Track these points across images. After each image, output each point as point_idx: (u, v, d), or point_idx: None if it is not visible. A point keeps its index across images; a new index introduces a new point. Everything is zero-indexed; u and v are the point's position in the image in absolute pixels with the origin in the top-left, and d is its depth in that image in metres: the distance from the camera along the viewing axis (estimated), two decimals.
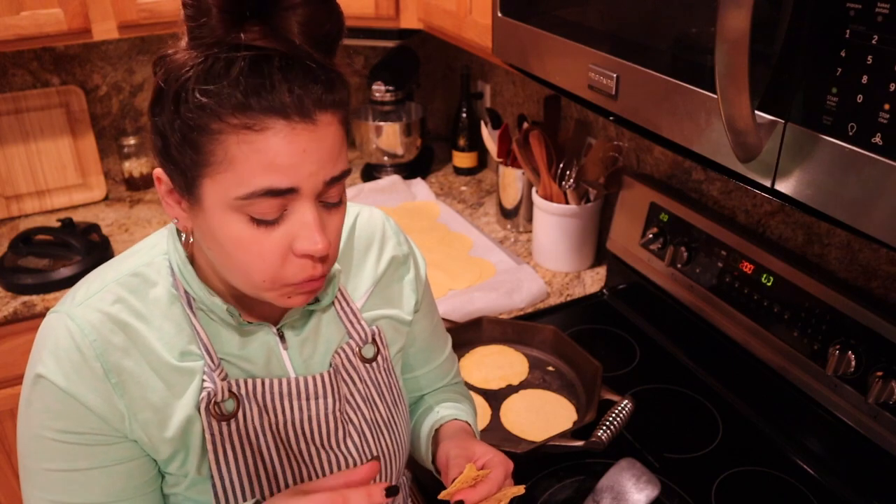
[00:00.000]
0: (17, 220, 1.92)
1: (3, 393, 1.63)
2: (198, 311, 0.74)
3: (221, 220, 0.64)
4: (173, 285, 0.73)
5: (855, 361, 1.01)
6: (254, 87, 0.59)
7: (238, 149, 0.60)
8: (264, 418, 0.76)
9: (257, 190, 0.61)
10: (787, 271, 1.13)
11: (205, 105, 0.60)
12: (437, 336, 0.99)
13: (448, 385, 1.03)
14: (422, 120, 2.13)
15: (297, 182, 0.62)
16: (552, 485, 1.10)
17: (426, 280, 0.94)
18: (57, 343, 0.69)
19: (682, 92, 0.78)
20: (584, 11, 0.93)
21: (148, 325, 0.72)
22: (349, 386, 0.82)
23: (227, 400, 0.74)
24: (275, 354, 0.78)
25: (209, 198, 0.64)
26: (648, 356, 1.40)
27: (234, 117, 0.59)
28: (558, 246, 1.63)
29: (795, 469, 1.13)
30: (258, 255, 0.65)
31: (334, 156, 0.64)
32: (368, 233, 0.87)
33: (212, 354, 0.73)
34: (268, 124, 0.60)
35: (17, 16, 1.54)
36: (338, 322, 0.82)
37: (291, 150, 0.61)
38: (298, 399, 0.78)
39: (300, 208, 0.64)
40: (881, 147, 0.58)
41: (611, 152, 1.54)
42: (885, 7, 0.55)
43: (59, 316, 0.70)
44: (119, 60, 1.99)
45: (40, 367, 0.69)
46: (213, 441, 0.73)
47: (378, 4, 1.66)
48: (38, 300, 1.57)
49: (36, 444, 0.70)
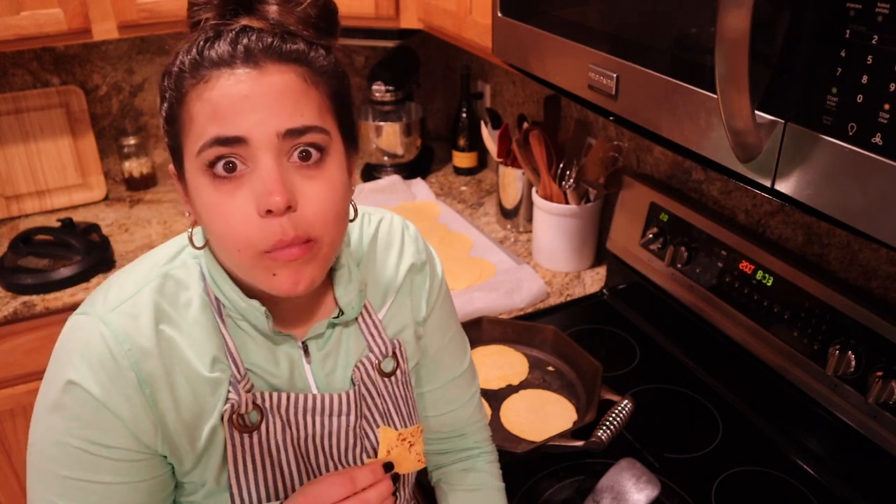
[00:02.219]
0: (17, 220, 1.92)
1: (3, 393, 1.63)
2: (227, 319, 0.72)
3: (195, 188, 0.65)
4: (204, 290, 0.72)
5: (855, 361, 1.01)
6: (206, 45, 0.62)
7: (194, 105, 0.62)
8: (287, 432, 0.75)
9: (208, 140, 0.61)
10: (787, 271, 1.13)
11: (177, 73, 0.63)
12: (450, 353, 0.93)
13: (465, 448, 0.98)
14: (422, 120, 2.13)
15: (244, 131, 0.61)
16: (552, 485, 1.10)
17: (443, 293, 0.90)
18: (90, 349, 0.66)
19: (682, 92, 0.78)
20: (584, 11, 0.93)
21: (180, 332, 0.70)
22: (367, 400, 0.80)
23: (251, 412, 0.72)
24: (297, 367, 0.76)
25: (187, 167, 0.65)
26: (648, 356, 1.40)
27: (192, 77, 0.62)
28: (558, 246, 1.63)
29: (795, 469, 1.13)
30: (225, 220, 0.63)
31: (288, 107, 0.62)
32: (388, 241, 0.85)
33: (238, 365, 0.72)
34: (215, 74, 0.61)
35: (17, 16, 1.54)
36: (359, 335, 0.80)
37: (232, 94, 0.61)
38: (322, 415, 0.77)
39: (259, 164, 0.62)
40: (881, 147, 0.58)
41: (611, 152, 1.54)
42: (885, 7, 0.55)
43: (90, 319, 0.68)
44: (119, 60, 1.99)
45: (72, 373, 0.66)
46: (234, 452, 0.72)
47: (378, 4, 1.65)
48: (38, 300, 1.57)
49: (58, 450, 0.67)
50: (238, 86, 0.61)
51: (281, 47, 0.63)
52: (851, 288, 1.11)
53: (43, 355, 1.62)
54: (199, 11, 0.65)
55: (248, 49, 0.61)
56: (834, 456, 1.11)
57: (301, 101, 0.63)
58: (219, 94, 0.61)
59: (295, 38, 0.64)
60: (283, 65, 0.63)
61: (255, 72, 0.61)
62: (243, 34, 0.62)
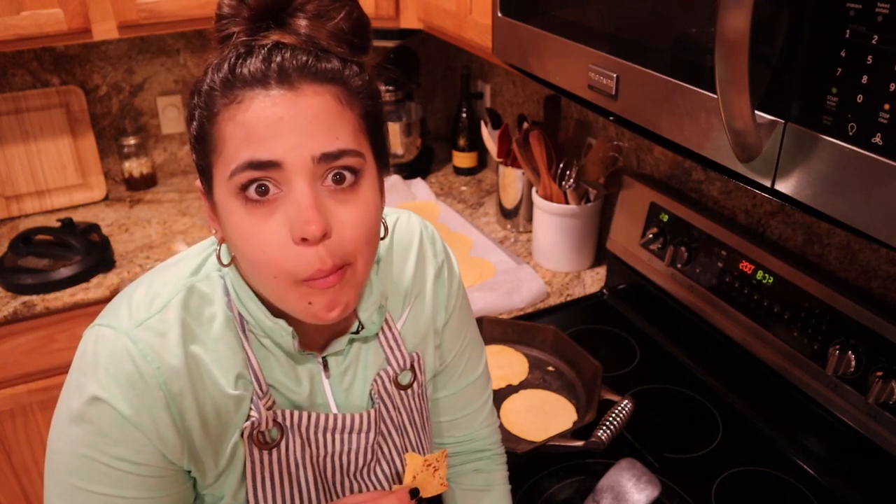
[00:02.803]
0: (17, 220, 1.92)
1: (3, 393, 1.63)
2: (249, 335, 0.71)
3: (226, 210, 0.63)
4: (227, 305, 0.71)
5: (855, 361, 1.01)
6: (238, 62, 0.60)
7: (226, 126, 0.60)
8: (306, 451, 0.74)
9: (241, 163, 0.59)
10: (787, 271, 1.13)
11: (207, 91, 0.61)
12: (466, 358, 0.91)
13: (478, 450, 0.98)
14: (422, 120, 2.13)
15: (279, 155, 0.59)
16: (552, 485, 1.10)
17: (461, 296, 0.88)
18: (119, 367, 0.64)
19: (682, 92, 0.78)
20: (584, 11, 0.93)
21: (205, 349, 0.69)
22: (384, 415, 0.79)
23: (271, 429, 0.71)
24: (317, 383, 0.76)
25: (217, 188, 0.63)
26: (648, 356, 1.40)
27: (224, 96, 0.60)
28: (558, 246, 1.63)
29: (795, 469, 1.13)
30: (258, 246, 0.61)
31: (323, 130, 0.60)
32: (406, 245, 0.82)
33: (261, 381, 0.71)
34: (248, 95, 0.59)
35: (17, 16, 1.54)
36: (378, 349, 0.79)
37: (267, 116, 0.59)
38: (342, 433, 0.76)
39: (292, 189, 0.60)
40: (881, 147, 0.58)
41: (611, 152, 1.54)
42: (885, 7, 0.55)
43: (117, 335, 0.66)
44: (119, 60, 1.99)
45: (98, 389, 0.64)
46: (253, 469, 0.71)
47: (378, 4, 1.65)
48: (38, 300, 1.57)
49: (82, 464, 0.66)
50: (273, 108, 0.59)
51: (316, 66, 0.61)
52: (851, 288, 1.11)
53: (43, 355, 1.63)
54: (227, 25, 0.63)
55: (282, 68, 0.60)
56: (834, 456, 1.11)
57: (336, 124, 0.61)
58: (253, 116, 0.59)
59: (329, 56, 0.62)
60: (318, 85, 0.61)
61: (291, 93, 0.59)
62: (276, 51, 0.60)
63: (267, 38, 0.62)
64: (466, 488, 0.96)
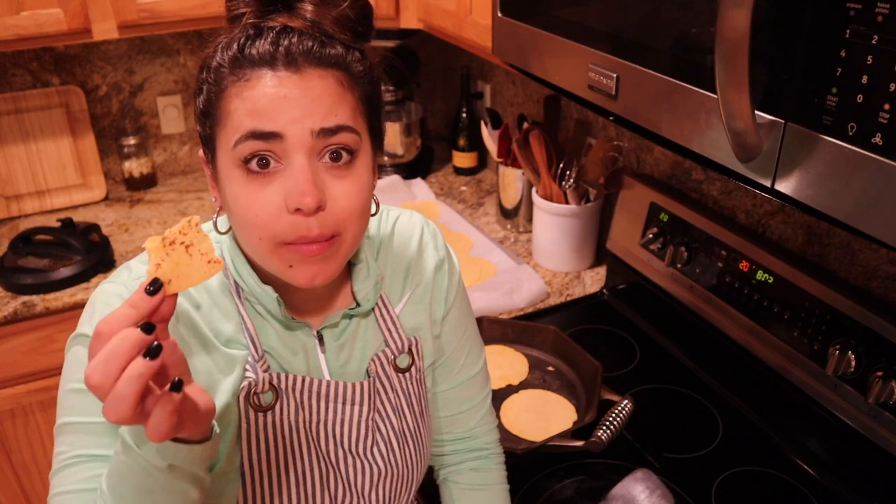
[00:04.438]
0: (17, 220, 1.92)
1: (3, 393, 1.63)
2: (245, 302, 0.75)
3: (227, 178, 0.66)
4: (224, 273, 0.75)
5: (855, 361, 1.01)
6: (248, 43, 0.64)
7: (232, 101, 0.64)
8: (300, 415, 0.77)
9: (244, 133, 0.63)
10: (787, 271, 1.13)
11: (216, 67, 0.65)
12: (466, 352, 0.93)
13: (476, 448, 0.98)
14: (422, 120, 2.13)
15: (281, 127, 0.63)
16: (552, 485, 1.10)
17: (461, 290, 0.91)
18: (109, 309, 0.68)
19: (682, 92, 0.78)
20: (584, 11, 0.93)
21: (198, 309, 0.73)
22: (381, 395, 0.82)
23: (266, 392, 0.74)
24: (312, 356, 0.78)
25: (220, 158, 0.67)
26: (648, 356, 1.40)
27: (233, 73, 0.64)
28: (558, 246, 1.63)
29: (795, 469, 1.13)
30: (253, 211, 0.65)
31: (324, 107, 0.64)
32: (407, 236, 0.86)
33: (256, 345, 0.74)
34: (256, 74, 0.63)
35: (17, 16, 1.54)
36: (376, 329, 0.82)
37: (273, 94, 0.63)
38: (335, 402, 0.79)
39: (292, 162, 0.64)
40: (881, 147, 0.58)
41: (611, 152, 1.54)
42: (885, 7, 0.55)
43: (115, 286, 0.71)
44: (119, 60, 1.99)
45: (86, 328, 0.69)
46: (248, 431, 0.74)
47: (378, 4, 1.65)
48: (38, 300, 1.57)
49: (71, 399, 0.69)
50: (278, 87, 0.63)
51: (321, 52, 0.65)
52: (851, 288, 1.11)
53: (43, 355, 1.62)
54: (237, 5, 0.67)
55: (289, 51, 0.63)
56: (834, 456, 1.11)
57: (336, 104, 0.65)
58: (259, 93, 0.63)
59: (333, 42, 0.66)
60: (322, 70, 0.65)
61: (296, 76, 0.63)
62: (284, 35, 0.64)
63: (275, 20, 0.66)
64: (464, 487, 0.97)
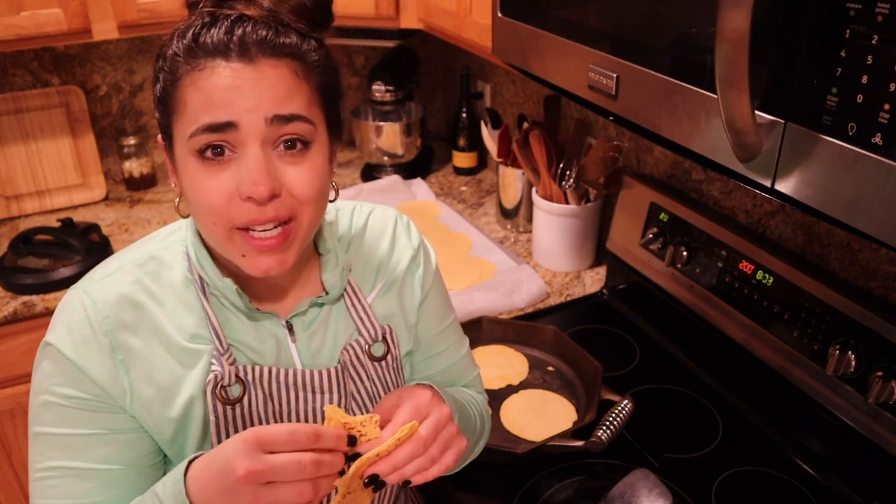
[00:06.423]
0: (17, 220, 1.92)
1: (3, 393, 1.63)
2: (210, 297, 0.75)
3: (184, 165, 0.67)
4: (188, 269, 0.75)
5: (855, 361, 1.01)
6: (202, 32, 0.64)
7: (188, 91, 0.65)
8: (269, 406, 0.77)
9: (200, 126, 0.64)
10: (787, 271, 1.13)
11: (171, 56, 0.65)
12: (445, 340, 0.93)
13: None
14: (422, 120, 2.13)
15: (234, 116, 0.63)
16: (552, 485, 1.10)
17: (438, 281, 0.92)
18: (71, 316, 0.71)
19: (682, 92, 0.78)
20: (584, 11, 0.93)
21: (161, 306, 0.74)
22: (356, 383, 0.82)
23: (233, 384, 0.74)
24: (283, 346, 0.79)
25: (177, 145, 0.68)
26: (648, 356, 1.40)
27: (187, 63, 0.64)
28: (558, 246, 1.63)
29: (795, 469, 1.13)
30: (206, 195, 0.66)
31: (279, 96, 0.64)
32: (380, 229, 0.87)
33: (221, 339, 0.75)
34: (210, 64, 0.64)
35: (17, 16, 1.54)
36: (347, 317, 0.82)
37: (227, 85, 0.63)
38: (304, 391, 0.79)
39: (246, 151, 0.65)
40: (881, 147, 0.58)
41: (611, 152, 1.54)
42: (885, 7, 0.55)
43: (76, 292, 0.73)
44: (119, 60, 1.99)
45: (51, 337, 0.71)
46: (217, 424, 0.74)
47: (378, 4, 1.65)
48: (38, 300, 1.57)
49: (41, 410, 0.72)
50: (231, 78, 0.63)
51: (275, 41, 0.65)
52: (851, 288, 1.11)
53: None
54: None
55: (242, 41, 0.63)
56: (834, 456, 1.11)
57: (291, 93, 0.66)
58: (213, 84, 0.63)
59: (289, 31, 0.66)
60: (276, 59, 0.65)
61: (250, 67, 0.64)
62: (239, 23, 0.64)
63: (232, 7, 0.66)
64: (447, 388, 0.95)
